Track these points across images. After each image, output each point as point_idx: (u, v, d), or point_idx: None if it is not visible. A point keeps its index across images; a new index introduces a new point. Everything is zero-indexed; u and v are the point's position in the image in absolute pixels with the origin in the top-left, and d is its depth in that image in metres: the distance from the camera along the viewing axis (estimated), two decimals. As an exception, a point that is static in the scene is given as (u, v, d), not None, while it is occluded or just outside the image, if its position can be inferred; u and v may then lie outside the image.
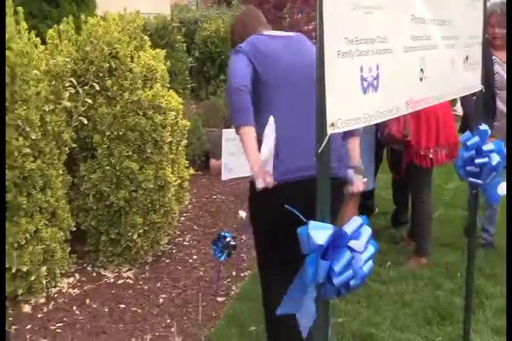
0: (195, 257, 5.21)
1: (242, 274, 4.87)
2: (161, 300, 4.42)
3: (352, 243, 1.88)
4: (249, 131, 2.80)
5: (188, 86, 10.59)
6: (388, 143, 5.01)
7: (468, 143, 3.22)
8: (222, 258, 4.29)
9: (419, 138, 4.63)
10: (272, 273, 3.29)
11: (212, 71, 11.61)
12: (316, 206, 1.89)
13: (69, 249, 4.55)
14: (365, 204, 5.74)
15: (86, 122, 4.50)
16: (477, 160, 3.20)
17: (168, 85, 5.05)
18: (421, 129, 4.63)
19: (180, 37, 10.49)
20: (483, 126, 3.28)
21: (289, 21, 13.70)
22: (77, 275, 4.71)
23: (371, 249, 1.96)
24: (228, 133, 5.30)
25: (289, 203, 1.99)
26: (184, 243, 5.53)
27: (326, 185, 1.89)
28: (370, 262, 1.95)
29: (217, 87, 11.15)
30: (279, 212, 2.29)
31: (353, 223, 1.93)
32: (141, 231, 4.69)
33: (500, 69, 4.94)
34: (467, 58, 3.08)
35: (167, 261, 5.11)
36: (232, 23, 3.63)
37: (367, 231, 1.96)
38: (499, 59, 4.98)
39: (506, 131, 4.01)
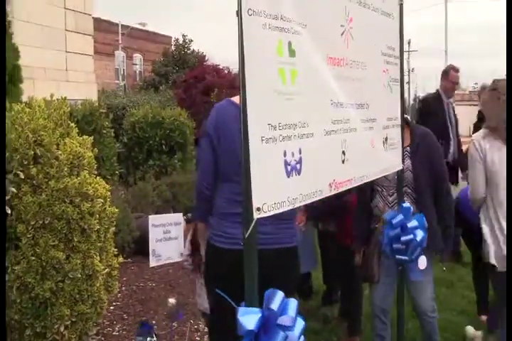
0: (125, 347, 5.04)
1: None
2: None
3: (281, 319, 1.86)
4: (201, 226, 3.34)
5: (116, 172, 10.45)
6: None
7: (394, 221, 3.28)
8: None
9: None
10: None
11: (140, 156, 11.59)
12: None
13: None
14: (301, 287, 5.55)
15: (9, 211, 4.38)
16: (403, 238, 3.26)
17: (96, 172, 5.00)
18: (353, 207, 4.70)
19: (108, 123, 10.46)
20: (406, 204, 3.36)
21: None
22: (1, 373, 4.46)
23: (301, 323, 1.95)
24: (155, 220, 5.28)
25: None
26: (114, 333, 5.34)
27: (254, 268, 1.89)
28: (302, 338, 1.94)
29: (146, 172, 11.15)
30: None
31: (277, 298, 1.91)
32: (69, 322, 4.49)
33: None
34: (386, 139, 3.18)
35: (97, 354, 4.91)
36: None
37: (293, 305, 1.95)
38: None
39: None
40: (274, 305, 1.88)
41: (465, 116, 15.88)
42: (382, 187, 3.87)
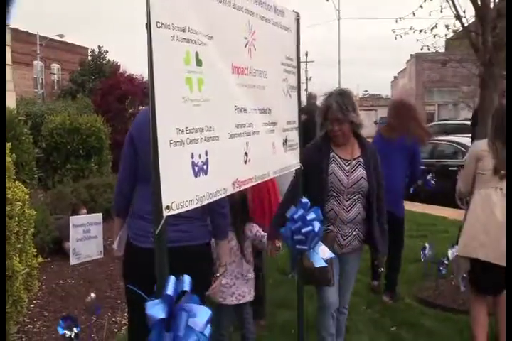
0: (45, 343, 4.90)
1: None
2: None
3: (187, 307, 1.86)
4: (117, 221, 3.31)
5: (36, 176, 10.27)
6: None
7: (295, 216, 3.34)
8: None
9: (253, 215, 4.74)
10: None
11: (58, 161, 11.39)
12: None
13: None
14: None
15: None
16: (304, 230, 3.32)
17: (15, 177, 4.84)
18: (256, 209, 4.75)
19: (26, 129, 10.24)
20: (304, 199, 3.42)
21: (131, 112, 13.81)
22: None
23: (207, 312, 1.95)
24: (75, 220, 5.16)
25: None
26: (34, 330, 5.15)
27: (164, 263, 1.88)
28: (209, 326, 1.94)
29: (64, 175, 10.98)
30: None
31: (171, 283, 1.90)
32: (-11, 321, 4.34)
33: (337, 170, 3.83)
34: (286, 141, 3.23)
35: (18, 349, 4.74)
36: None
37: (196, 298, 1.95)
38: (338, 157, 3.87)
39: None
40: (169, 291, 1.87)
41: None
42: (338, 193, 3.79)
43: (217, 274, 3.20)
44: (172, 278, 1.91)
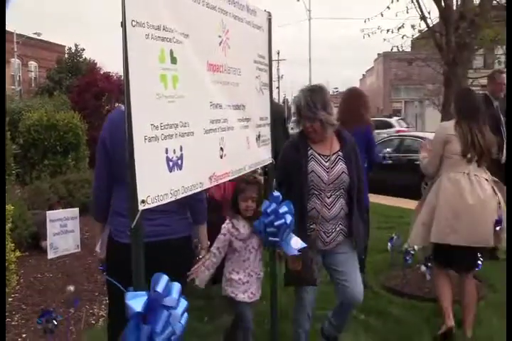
0: (24, 335, 4.79)
1: (73, 344, 4.58)
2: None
3: (166, 300, 1.85)
4: (98, 225, 3.26)
5: (13, 172, 10.16)
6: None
7: (268, 210, 3.34)
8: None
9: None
10: None
11: (36, 157, 11.30)
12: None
13: None
14: None
15: None
16: (276, 223, 3.32)
17: (-8, 172, 4.78)
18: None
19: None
20: (276, 193, 3.42)
21: (107, 109, 13.71)
22: None
23: (184, 302, 1.94)
24: (52, 215, 5.09)
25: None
26: (13, 323, 5.06)
27: (140, 255, 1.87)
28: (186, 315, 1.93)
29: (42, 171, 10.89)
30: None
31: (162, 282, 1.89)
32: (-33, 315, 4.27)
33: (317, 167, 3.64)
34: (259, 136, 3.23)
35: (-4, 342, 4.65)
36: None
37: (176, 287, 1.94)
38: (317, 153, 3.67)
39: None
40: (159, 288, 1.86)
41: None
42: (319, 191, 3.60)
43: (199, 257, 3.25)
44: (165, 278, 1.91)
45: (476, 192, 4.08)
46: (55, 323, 4.03)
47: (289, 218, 3.35)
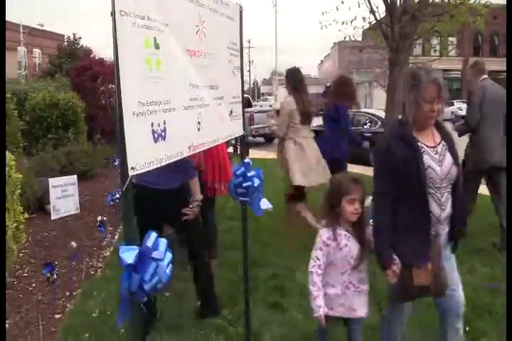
0: (34, 285, 4.82)
1: (74, 293, 4.59)
2: (6, 326, 3.93)
3: (154, 254, 1.86)
4: None
5: (21, 145, 10.12)
6: None
7: (237, 172, 3.35)
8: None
9: (206, 174, 4.73)
10: None
11: (40, 132, 11.32)
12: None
13: None
14: None
15: None
16: (244, 184, 3.33)
17: (3, 145, 4.69)
18: (208, 168, 4.73)
19: (12, 105, 10.03)
20: (247, 159, 3.43)
21: (101, 90, 13.50)
22: None
23: (169, 256, 1.95)
24: (54, 181, 5.06)
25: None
26: (24, 274, 5.10)
27: (131, 213, 1.87)
28: (171, 266, 1.95)
29: (46, 144, 10.87)
30: None
31: (151, 237, 1.90)
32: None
33: (431, 161, 2.73)
34: (231, 112, 3.21)
35: (10, 291, 4.61)
36: None
37: (163, 243, 1.95)
38: (426, 146, 2.75)
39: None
40: (149, 243, 1.87)
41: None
42: (435, 189, 2.71)
43: (192, 206, 3.86)
44: (154, 235, 1.91)
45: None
46: (57, 274, 4.06)
47: (256, 181, 3.35)
